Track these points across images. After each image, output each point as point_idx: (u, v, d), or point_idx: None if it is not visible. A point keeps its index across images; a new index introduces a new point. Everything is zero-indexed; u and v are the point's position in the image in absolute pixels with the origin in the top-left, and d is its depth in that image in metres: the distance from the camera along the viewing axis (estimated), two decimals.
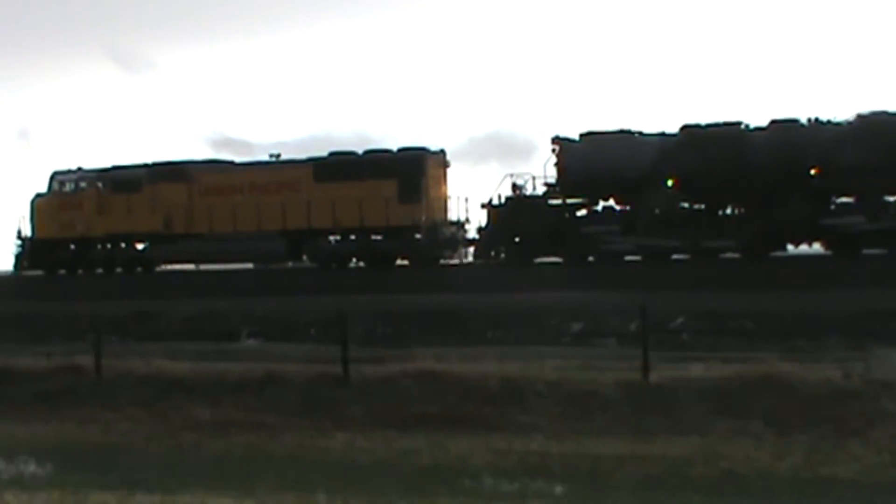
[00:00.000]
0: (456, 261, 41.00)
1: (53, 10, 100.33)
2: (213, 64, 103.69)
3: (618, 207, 38.17)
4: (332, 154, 41.93)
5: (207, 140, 75.74)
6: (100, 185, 44.42)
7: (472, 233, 40.86)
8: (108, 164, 45.02)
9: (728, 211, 37.20)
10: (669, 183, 36.87)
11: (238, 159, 44.51)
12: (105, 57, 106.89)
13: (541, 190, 39.06)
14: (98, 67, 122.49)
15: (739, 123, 37.02)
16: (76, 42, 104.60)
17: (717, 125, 37.07)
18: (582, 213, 38.67)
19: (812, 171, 35.40)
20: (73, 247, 44.83)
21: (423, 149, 41.12)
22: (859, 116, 35.69)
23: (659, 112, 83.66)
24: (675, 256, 37.29)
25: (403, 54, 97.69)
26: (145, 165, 44.42)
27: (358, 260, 41.41)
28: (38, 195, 45.35)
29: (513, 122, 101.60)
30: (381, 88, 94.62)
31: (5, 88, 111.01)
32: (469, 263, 40.50)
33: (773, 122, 36.53)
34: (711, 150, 36.12)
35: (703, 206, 37.14)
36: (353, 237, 41.17)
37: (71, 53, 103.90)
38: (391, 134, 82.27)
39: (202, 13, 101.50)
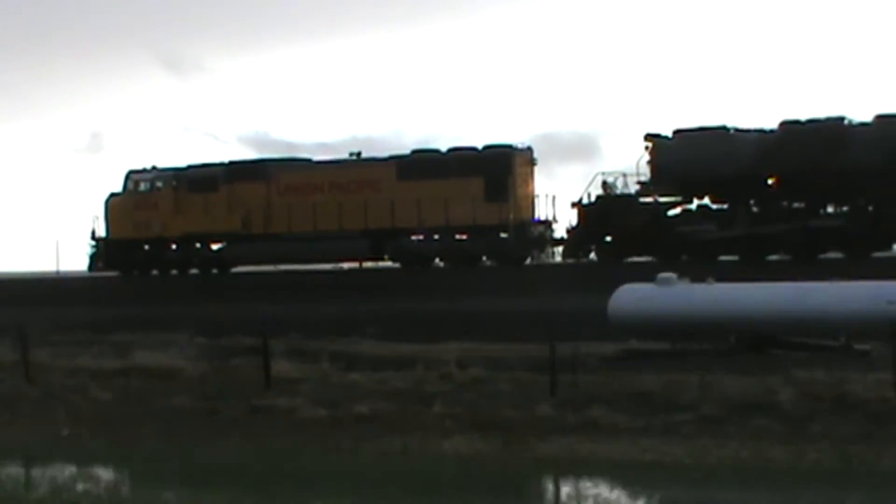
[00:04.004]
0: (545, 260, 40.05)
1: (116, 21, 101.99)
2: (257, 69, 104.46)
3: (714, 206, 37.10)
4: (415, 152, 41.03)
5: (249, 140, 75.64)
6: (175, 184, 43.69)
7: (559, 232, 39.92)
8: (183, 164, 44.42)
9: (830, 210, 36.02)
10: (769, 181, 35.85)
11: (316, 158, 43.69)
12: (158, 62, 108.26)
13: (632, 188, 38.03)
14: (154, 73, 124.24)
15: (842, 118, 35.80)
16: (137, 51, 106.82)
17: (817, 121, 35.87)
18: (675, 211, 37.63)
19: None
20: (147, 247, 44.13)
21: (509, 146, 40.07)
22: None
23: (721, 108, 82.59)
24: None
25: (451, 59, 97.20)
26: (222, 164, 43.68)
27: (442, 260, 40.48)
28: (113, 195, 44.66)
29: (571, 121, 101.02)
30: (437, 91, 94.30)
31: (77, 94, 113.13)
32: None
33: (879, 116, 35.27)
34: (813, 147, 34.93)
35: (803, 205, 36.01)
36: (436, 237, 40.21)
37: (133, 62, 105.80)
38: (440, 135, 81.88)
39: (249, 23, 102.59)
